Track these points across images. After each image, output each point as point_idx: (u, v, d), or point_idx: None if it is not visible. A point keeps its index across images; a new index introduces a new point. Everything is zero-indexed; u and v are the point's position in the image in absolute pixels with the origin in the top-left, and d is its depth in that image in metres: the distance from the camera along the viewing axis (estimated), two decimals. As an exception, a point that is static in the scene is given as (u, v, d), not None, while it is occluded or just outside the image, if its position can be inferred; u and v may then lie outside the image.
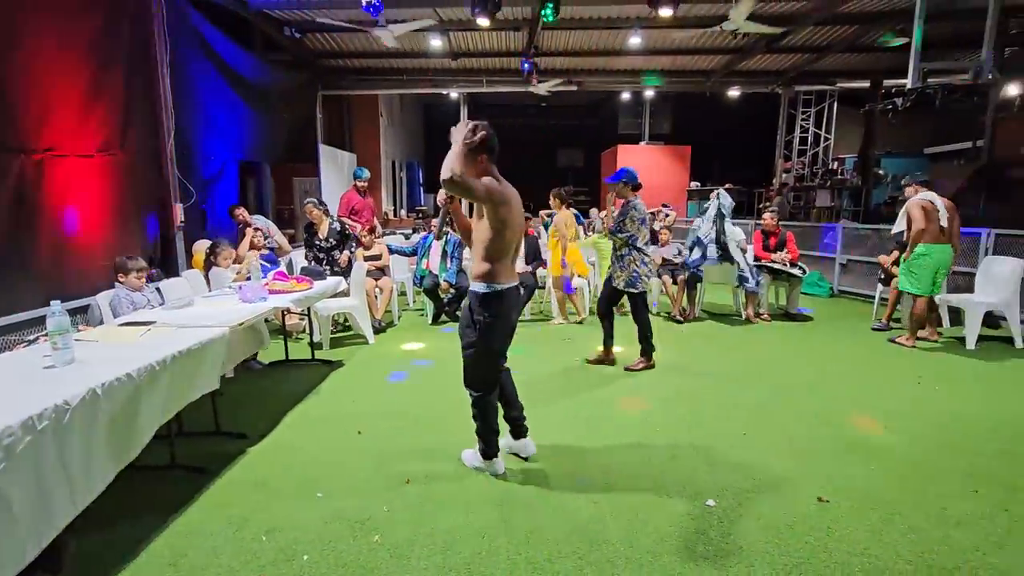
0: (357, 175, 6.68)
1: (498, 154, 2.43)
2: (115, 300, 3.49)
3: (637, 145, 14.74)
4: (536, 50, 9.10)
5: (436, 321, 5.95)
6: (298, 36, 8.60)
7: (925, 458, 2.77)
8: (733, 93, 11.90)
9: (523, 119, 21.02)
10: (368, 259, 5.83)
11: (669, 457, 2.80)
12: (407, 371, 4.25)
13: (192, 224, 6.09)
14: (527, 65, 9.50)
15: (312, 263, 5.25)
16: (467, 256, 6.72)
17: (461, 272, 6.05)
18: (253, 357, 4.56)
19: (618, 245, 4.21)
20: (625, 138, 15.38)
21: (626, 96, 14.21)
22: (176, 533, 2.20)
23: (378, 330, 5.43)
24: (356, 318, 5.07)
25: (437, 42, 8.72)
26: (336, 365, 4.42)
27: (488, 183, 2.32)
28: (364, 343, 5.07)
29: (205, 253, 4.64)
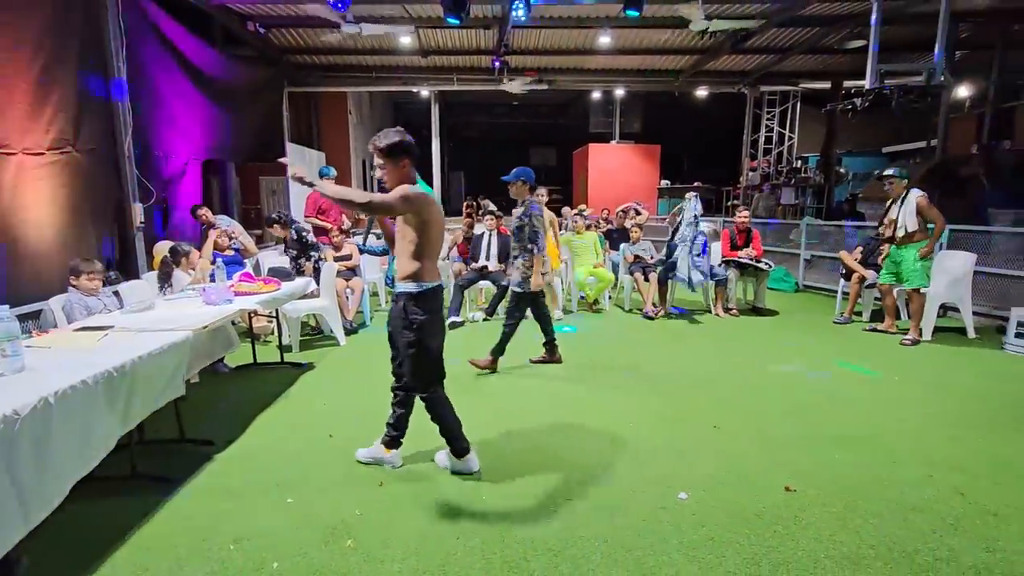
0: (323, 173, 6.56)
1: (418, 156, 2.49)
2: (68, 305, 3.34)
3: (608, 144, 14.89)
4: (507, 48, 9.09)
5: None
6: (263, 31, 8.39)
7: (884, 446, 2.87)
8: (701, 93, 12.14)
9: (495, 118, 21.01)
10: (338, 259, 5.73)
11: (643, 452, 2.84)
12: (379, 372, 4.17)
13: (153, 225, 5.90)
14: (498, 63, 9.49)
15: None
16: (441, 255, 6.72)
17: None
18: (220, 361, 4.44)
19: (517, 246, 4.15)
20: (596, 137, 15.51)
21: (597, 95, 14.35)
22: (138, 546, 2.11)
23: (349, 331, 5.34)
24: (326, 319, 4.98)
25: (407, 39, 8.62)
26: (306, 368, 4.33)
27: (404, 192, 2.34)
28: (335, 345, 4.98)
29: (164, 258, 4.47)
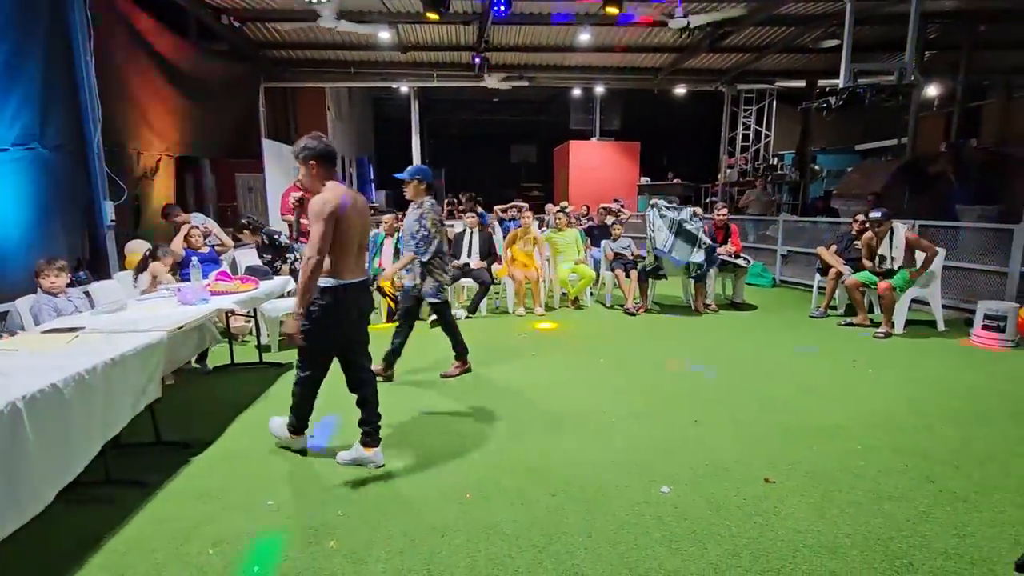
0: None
1: (333, 157, 2.61)
2: (36, 306, 3.24)
3: (588, 141, 14.94)
4: (487, 44, 9.07)
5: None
6: (237, 25, 8.22)
7: (860, 437, 2.94)
8: (679, 91, 12.28)
9: (476, 114, 20.92)
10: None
11: (626, 447, 2.86)
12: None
13: (125, 223, 5.74)
14: (478, 59, 9.45)
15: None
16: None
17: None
18: (202, 359, 4.38)
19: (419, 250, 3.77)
20: (577, 134, 15.55)
21: (577, 93, 14.37)
22: (114, 551, 2.06)
23: (330, 330, 5.27)
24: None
25: (385, 34, 8.54)
26: (285, 368, 4.26)
27: (320, 210, 2.43)
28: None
29: (144, 255, 4.35)
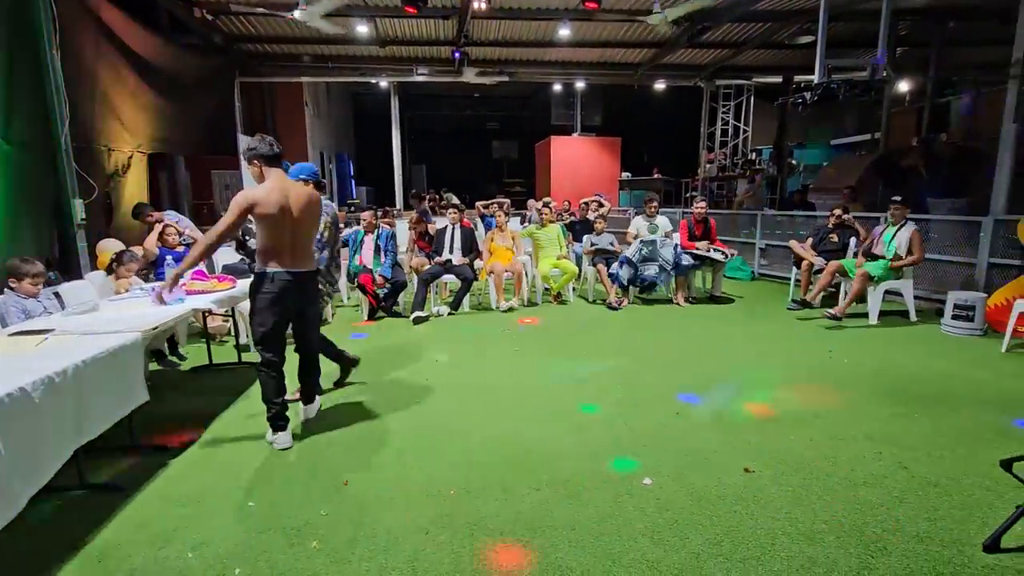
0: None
1: (276, 156, 2.85)
2: (3, 307, 3.14)
3: (570, 136, 14.97)
4: (467, 39, 9.00)
5: (372, 317, 5.80)
6: (210, 18, 8.04)
7: (835, 425, 3.01)
8: (659, 86, 12.36)
9: (457, 110, 20.81)
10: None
11: (608, 440, 2.89)
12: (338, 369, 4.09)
13: (97, 222, 5.59)
14: (458, 54, 9.39)
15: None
16: (401, 250, 6.64)
17: (396, 266, 5.92)
18: (175, 351, 4.35)
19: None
20: (558, 129, 15.58)
21: (558, 88, 14.39)
22: (90, 557, 2.02)
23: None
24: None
25: (363, 28, 8.43)
26: (266, 367, 4.21)
27: (235, 201, 2.69)
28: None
29: (109, 261, 4.26)
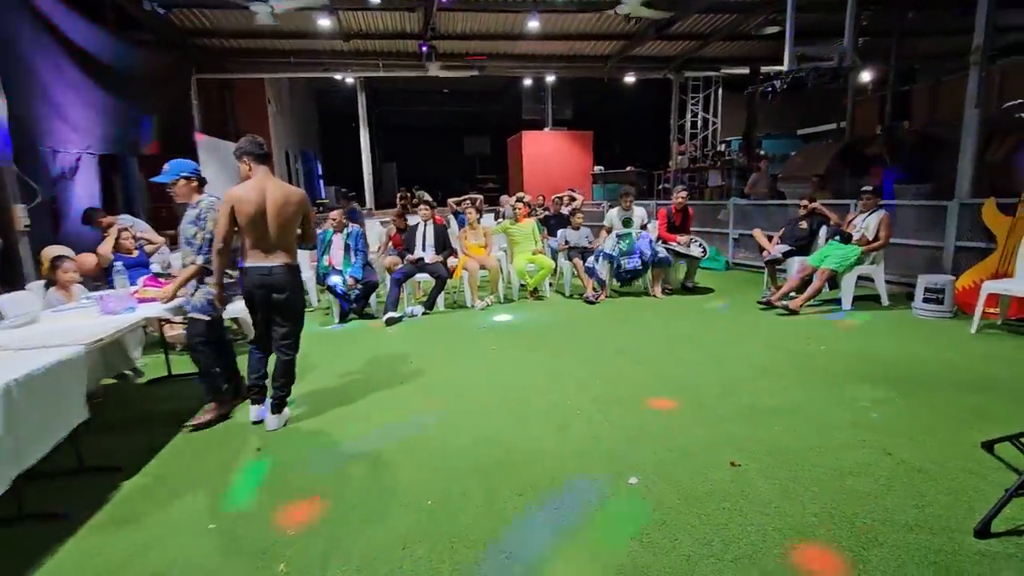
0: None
1: (263, 154, 2.96)
2: (-67, 323, 2.87)
3: (542, 131, 14.89)
4: (434, 32, 8.82)
5: (344, 320, 5.60)
6: (162, 12, 7.66)
7: (817, 414, 2.98)
8: (629, 79, 12.35)
9: (426, 106, 20.52)
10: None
11: (591, 437, 2.79)
12: (307, 379, 3.91)
13: (42, 227, 5.25)
14: (425, 48, 9.20)
15: None
16: (372, 250, 6.44)
17: (368, 266, 5.73)
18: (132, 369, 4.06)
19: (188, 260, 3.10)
20: (529, 124, 15.48)
21: (528, 82, 14.28)
22: (28, 597, 1.83)
23: (278, 334, 4.99)
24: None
25: (326, 21, 8.17)
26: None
27: (217, 212, 2.92)
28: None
29: (47, 266, 3.95)
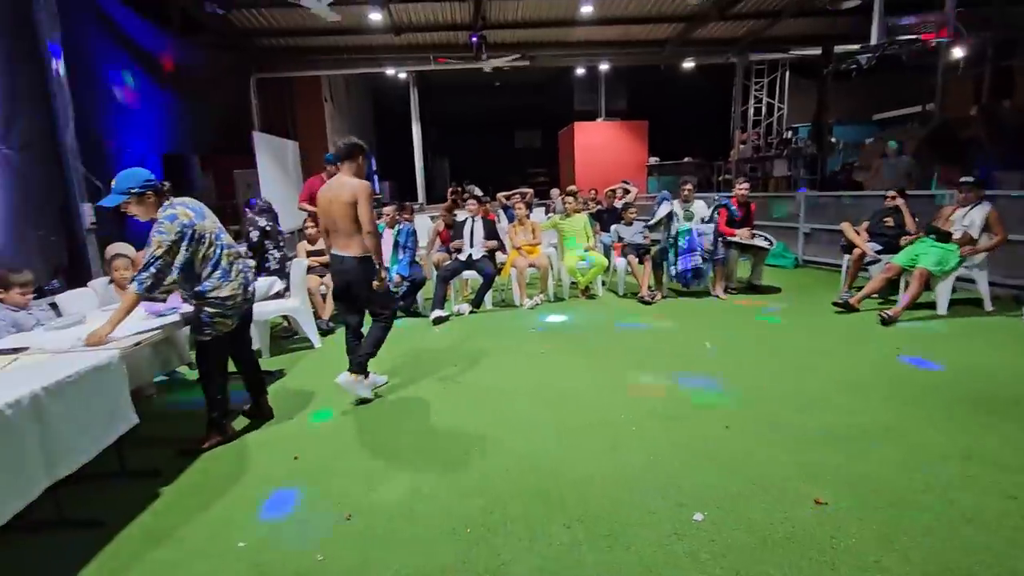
0: (326, 159, 6.03)
1: (340, 154, 3.26)
2: (-8, 322, 2.94)
3: (594, 122, 14.43)
4: (484, 22, 8.61)
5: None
6: (221, 12, 7.84)
7: (919, 442, 2.56)
8: (688, 65, 11.70)
9: (477, 100, 20.39)
10: (312, 254, 5.33)
11: (647, 463, 2.51)
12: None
13: (108, 225, 5.44)
14: (475, 39, 9.01)
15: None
16: (421, 246, 6.34)
17: (415, 264, 5.63)
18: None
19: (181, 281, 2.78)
20: (582, 115, 15.04)
21: (581, 72, 13.81)
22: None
23: (325, 332, 4.96)
24: (298, 321, 4.60)
25: (377, 15, 8.12)
26: (276, 376, 3.97)
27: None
28: (309, 347, 4.61)
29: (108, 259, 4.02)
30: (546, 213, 8.74)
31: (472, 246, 5.75)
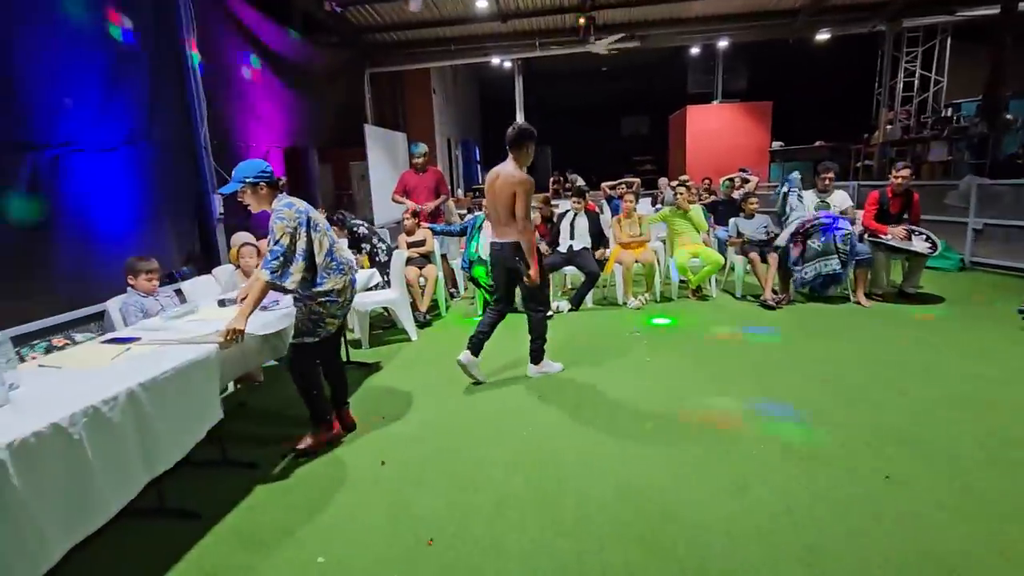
0: (411, 151, 6.05)
1: (510, 142, 3.27)
2: (124, 307, 3.15)
3: (709, 104, 13.37)
4: (592, 2, 8.15)
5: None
6: (338, 10, 8.15)
7: None
8: (822, 36, 10.28)
9: (582, 87, 19.85)
10: (411, 245, 5.32)
11: (781, 511, 2.06)
12: (449, 374, 3.67)
13: (234, 215, 5.85)
14: (583, 21, 8.57)
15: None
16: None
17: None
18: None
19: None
20: (695, 98, 14.01)
21: (695, 51, 12.77)
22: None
23: (423, 324, 4.93)
24: (397, 313, 4.59)
25: (483, 3, 7.99)
26: (372, 368, 3.96)
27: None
28: (407, 340, 4.59)
29: (234, 253, 4.24)
30: (653, 204, 8.16)
31: (573, 239, 5.43)
